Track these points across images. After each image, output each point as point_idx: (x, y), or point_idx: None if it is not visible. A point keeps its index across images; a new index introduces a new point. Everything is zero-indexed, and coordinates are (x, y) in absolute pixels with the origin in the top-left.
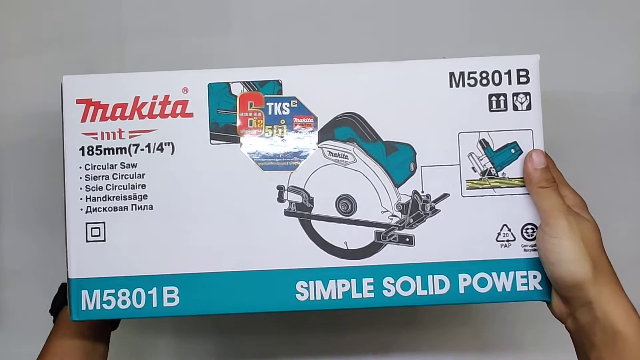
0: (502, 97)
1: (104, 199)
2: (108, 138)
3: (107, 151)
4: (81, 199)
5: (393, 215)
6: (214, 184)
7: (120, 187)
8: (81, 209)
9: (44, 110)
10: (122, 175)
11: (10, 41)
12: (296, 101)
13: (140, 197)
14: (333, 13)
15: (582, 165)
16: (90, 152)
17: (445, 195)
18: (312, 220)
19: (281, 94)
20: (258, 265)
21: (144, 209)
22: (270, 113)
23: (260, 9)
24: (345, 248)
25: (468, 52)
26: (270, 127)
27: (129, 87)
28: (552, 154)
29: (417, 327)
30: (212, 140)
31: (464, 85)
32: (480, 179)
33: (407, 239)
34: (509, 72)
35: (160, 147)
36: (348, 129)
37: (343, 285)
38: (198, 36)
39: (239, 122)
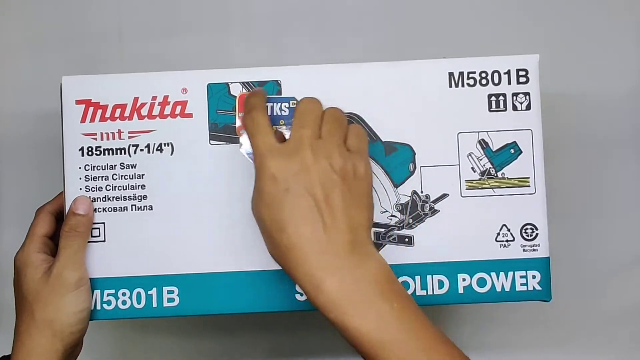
0: (501, 97)
1: (104, 199)
2: (107, 138)
3: (106, 152)
4: None
5: (392, 216)
6: (214, 184)
7: (119, 188)
8: None
9: (43, 110)
10: (121, 176)
11: (10, 41)
12: (295, 101)
13: (139, 197)
14: (333, 13)
15: (582, 165)
16: (90, 153)
17: (444, 196)
18: None
19: (280, 94)
20: (258, 265)
21: (143, 209)
22: (269, 113)
23: (260, 9)
24: None
25: (468, 52)
26: None
27: (128, 87)
28: (552, 153)
29: None
30: (211, 141)
31: (463, 85)
32: (480, 179)
33: (407, 239)
34: (508, 72)
35: (159, 148)
36: None
37: None
38: (197, 36)
39: (238, 123)
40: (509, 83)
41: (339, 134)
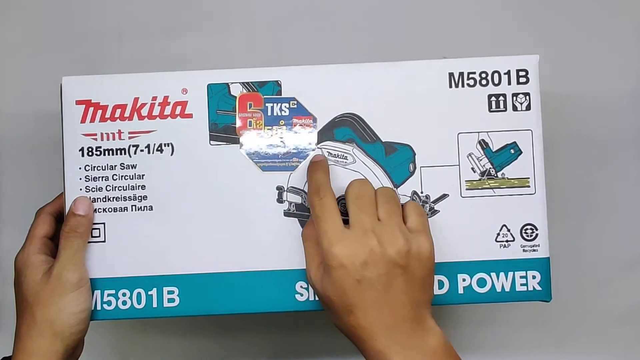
0: (501, 98)
1: (104, 199)
2: (108, 139)
3: (106, 152)
4: None
5: None
6: (214, 185)
7: (120, 188)
8: None
9: (43, 110)
10: (121, 176)
11: (10, 41)
12: (295, 102)
13: (140, 197)
14: (333, 13)
15: (582, 165)
16: (90, 153)
17: (444, 196)
18: None
19: (280, 95)
20: (258, 265)
21: (143, 210)
22: (269, 114)
23: (260, 9)
24: None
25: (468, 52)
26: (270, 127)
27: (129, 88)
28: (552, 154)
29: None
30: (211, 141)
31: (463, 86)
32: (480, 180)
33: None
34: (508, 73)
35: (159, 148)
36: (347, 129)
37: None
38: (197, 36)
39: (238, 123)
40: (509, 83)
41: (397, 212)
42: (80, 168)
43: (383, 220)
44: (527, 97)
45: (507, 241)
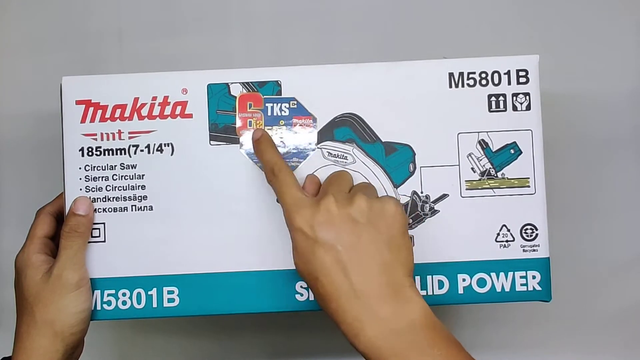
0: (501, 98)
1: (104, 199)
2: (108, 139)
3: (106, 152)
4: None
5: None
6: (214, 185)
7: (120, 188)
8: None
9: (43, 110)
10: (121, 176)
11: (10, 41)
12: (295, 102)
13: (140, 197)
14: (333, 13)
15: (582, 165)
16: (90, 153)
17: (444, 196)
18: None
19: (280, 95)
20: (258, 265)
21: (143, 210)
22: (269, 114)
23: (260, 9)
24: None
25: (468, 52)
26: (270, 127)
27: (129, 88)
28: (552, 154)
29: None
30: (211, 141)
31: (463, 86)
32: (480, 180)
33: None
34: (508, 73)
35: (159, 148)
36: (347, 129)
37: None
38: (197, 36)
39: (238, 123)
40: (509, 83)
41: (369, 191)
42: (80, 168)
43: (351, 192)
44: (527, 97)
45: (507, 241)
